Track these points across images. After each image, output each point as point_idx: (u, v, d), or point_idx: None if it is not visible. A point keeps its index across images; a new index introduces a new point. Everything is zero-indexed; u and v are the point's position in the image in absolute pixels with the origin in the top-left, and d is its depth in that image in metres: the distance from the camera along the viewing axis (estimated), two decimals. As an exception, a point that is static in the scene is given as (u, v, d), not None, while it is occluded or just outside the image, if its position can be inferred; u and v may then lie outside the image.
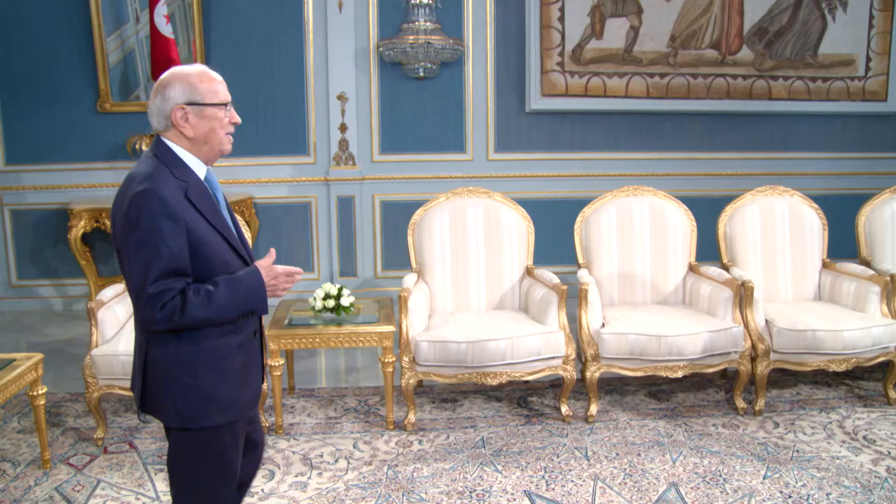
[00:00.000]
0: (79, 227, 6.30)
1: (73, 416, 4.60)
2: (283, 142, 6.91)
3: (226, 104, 2.45)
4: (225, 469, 2.53)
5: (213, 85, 2.43)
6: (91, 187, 6.75)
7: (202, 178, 2.44)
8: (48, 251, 6.93)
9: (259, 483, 3.80)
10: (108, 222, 6.25)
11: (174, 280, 2.27)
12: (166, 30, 6.39)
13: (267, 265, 2.48)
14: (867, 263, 5.22)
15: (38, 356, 3.89)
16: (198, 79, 2.41)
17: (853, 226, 5.46)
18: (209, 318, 2.32)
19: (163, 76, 2.42)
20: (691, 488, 3.74)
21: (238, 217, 3.34)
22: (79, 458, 4.07)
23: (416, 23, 6.57)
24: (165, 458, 2.52)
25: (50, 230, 6.86)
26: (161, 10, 6.35)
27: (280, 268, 2.50)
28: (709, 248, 5.51)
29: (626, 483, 3.79)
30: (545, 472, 3.92)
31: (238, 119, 2.49)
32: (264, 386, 4.28)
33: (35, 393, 3.87)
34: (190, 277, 2.32)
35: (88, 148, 6.72)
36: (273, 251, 2.58)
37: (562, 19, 6.98)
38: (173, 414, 2.41)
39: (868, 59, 7.42)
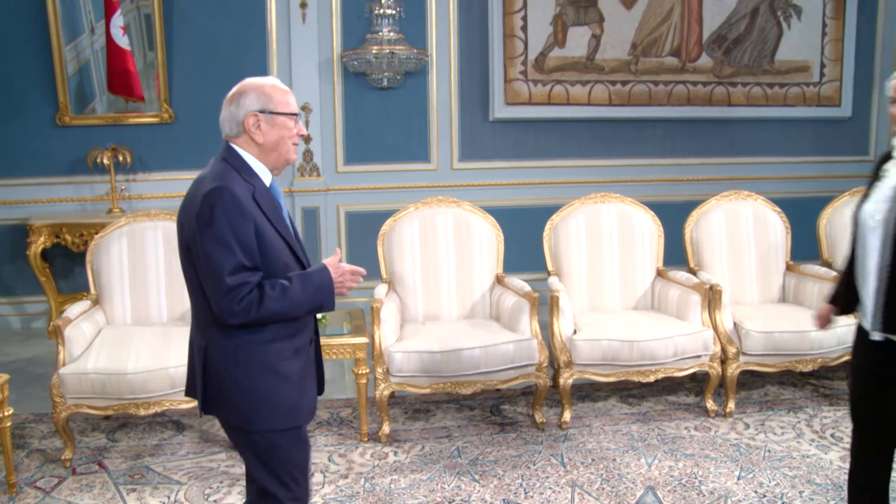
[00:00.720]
0: (38, 243, 6.18)
1: (38, 438, 4.50)
2: (247, 154, 6.83)
3: (296, 115, 2.54)
4: (292, 467, 2.58)
5: (286, 96, 2.52)
6: (50, 202, 6.61)
7: (267, 185, 2.52)
8: (6, 268, 6.77)
9: (233, 500, 3.75)
10: (68, 237, 6.15)
11: (250, 274, 2.36)
12: (123, 41, 6.32)
13: (334, 263, 2.57)
14: (829, 265, 5.31)
15: (4, 377, 3.80)
16: (271, 89, 2.50)
17: (813, 228, 5.57)
18: (284, 312, 2.42)
19: (238, 86, 2.52)
20: (668, 491, 3.77)
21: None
22: (46, 480, 3.98)
23: (380, 33, 6.56)
24: (126, 479, 2.48)
25: (7, 246, 6.71)
26: (117, 22, 6.28)
27: (346, 266, 2.59)
28: (674, 253, 5.57)
29: (603, 489, 3.81)
30: (522, 479, 3.92)
31: (305, 132, 2.60)
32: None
33: (1, 415, 3.77)
34: (262, 272, 2.39)
35: (47, 162, 6.58)
36: (339, 250, 2.69)
37: (524, 28, 7.03)
38: (234, 415, 2.50)
39: (822, 66, 7.58)
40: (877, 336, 2.83)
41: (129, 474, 4.02)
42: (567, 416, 4.54)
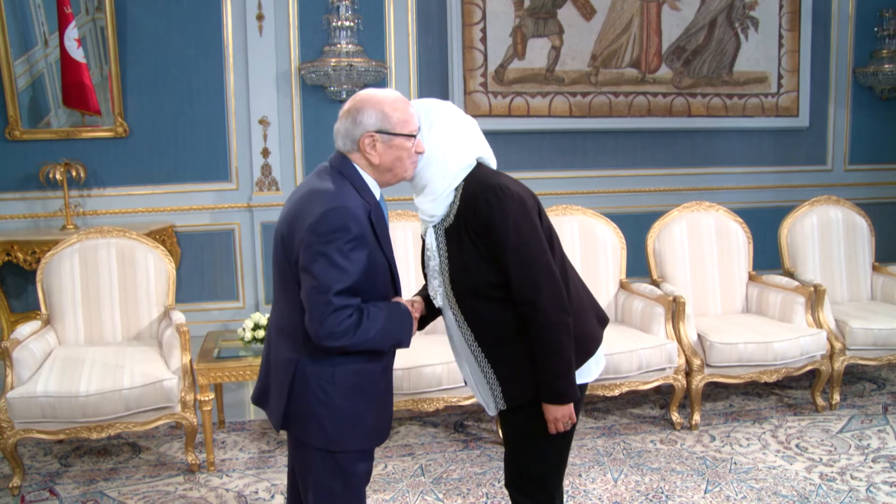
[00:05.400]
0: (-12, 261, 6.00)
1: (-13, 463, 4.34)
2: (205, 168, 6.72)
3: (415, 135, 2.42)
4: (358, 495, 2.54)
5: (406, 115, 2.40)
6: (1, 219, 6.43)
7: (378, 199, 2.45)
8: (-45, 287, 6.58)
9: (192, 525, 3.64)
10: (20, 255, 5.96)
11: (352, 298, 2.31)
12: (77, 53, 6.17)
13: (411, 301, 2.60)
14: (791, 275, 5.33)
15: (-51, 401, 3.66)
16: (391, 107, 2.38)
17: (773, 237, 5.60)
18: (374, 341, 2.36)
19: (356, 99, 2.42)
20: (635, 507, 3.73)
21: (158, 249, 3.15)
22: (-6, 508, 3.84)
23: (338, 45, 6.49)
24: None
25: (-44, 265, 6.52)
26: (71, 34, 6.13)
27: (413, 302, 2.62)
28: (637, 265, 5.55)
29: (569, 505, 3.76)
30: (487, 498, 3.85)
31: (423, 148, 2.46)
32: (194, 421, 4.13)
33: (-54, 440, 3.63)
34: (360, 297, 2.35)
35: (-3, 178, 6.43)
36: (419, 301, 2.66)
37: (484, 40, 7.00)
38: (319, 434, 2.42)
39: (780, 77, 7.64)
40: (499, 409, 2.59)
41: (81, 500, 3.89)
42: (532, 431, 4.48)
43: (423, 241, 2.58)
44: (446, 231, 2.48)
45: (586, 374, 2.59)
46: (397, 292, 2.52)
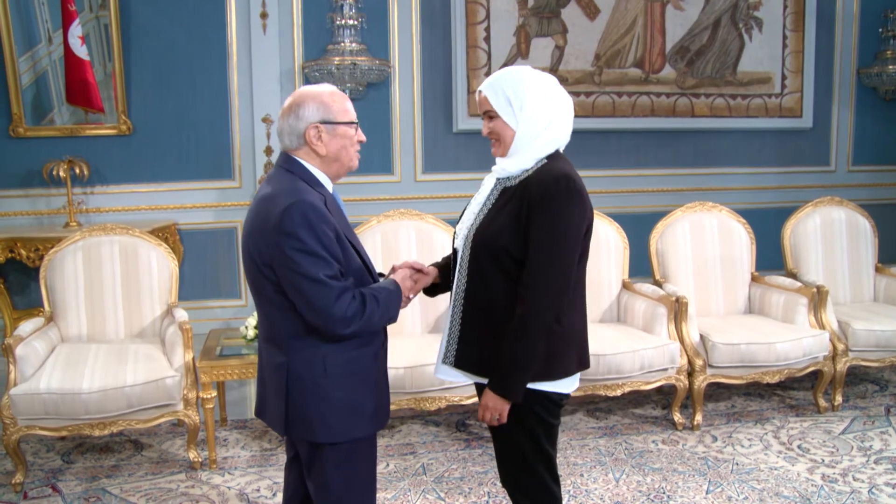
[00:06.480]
0: (-9, 258, 6.01)
1: (-10, 459, 4.35)
2: (208, 166, 6.73)
3: (356, 123, 2.51)
4: (372, 480, 2.59)
5: (344, 104, 2.50)
6: (4, 216, 6.43)
7: (331, 192, 2.50)
8: (-42, 284, 6.59)
9: (193, 522, 3.64)
10: (23, 252, 5.97)
11: (345, 279, 2.36)
12: (81, 51, 6.18)
13: (403, 275, 2.63)
14: (794, 276, 5.32)
15: (-48, 397, 3.67)
16: (330, 98, 2.48)
17: (776, 238, 5.60)
18: (378, 322, 2.42)
19: (295, 96, 2.50)
20: (636, 507, 3.73)
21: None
22: (-3, 504, 3.85)
23: (342, 44, 6.49)
24: (80, 502, 2.39)
25: (-41, 262, 6.52)
26: (75, 31, 6.14)
27: (408, 275, 2.65)
28: (639, 265, 5.55)
29: (571, 505, 3.76)
30: (489, 497, 3.85)
31: (364, 138, 2.56)
32: (196, 419, 4.13)
33: (-51, 437, 3.64)
34: (353, 280, 2.40)
35: (1, 175, 6.42)
36: (409, 266, 2.71)
37: (487, 39, 7.00)
38: (323, 429, 2.43)
39: (783, 77, 7.64)
40: (447, 370, 2.64)
41: (84, 497, 3.89)
42: (534, 430, 4.48)
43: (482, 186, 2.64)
44: (504, 189, 2.54)
45: (561, 386, 2.58)
46: (372, 274, 2.54)
